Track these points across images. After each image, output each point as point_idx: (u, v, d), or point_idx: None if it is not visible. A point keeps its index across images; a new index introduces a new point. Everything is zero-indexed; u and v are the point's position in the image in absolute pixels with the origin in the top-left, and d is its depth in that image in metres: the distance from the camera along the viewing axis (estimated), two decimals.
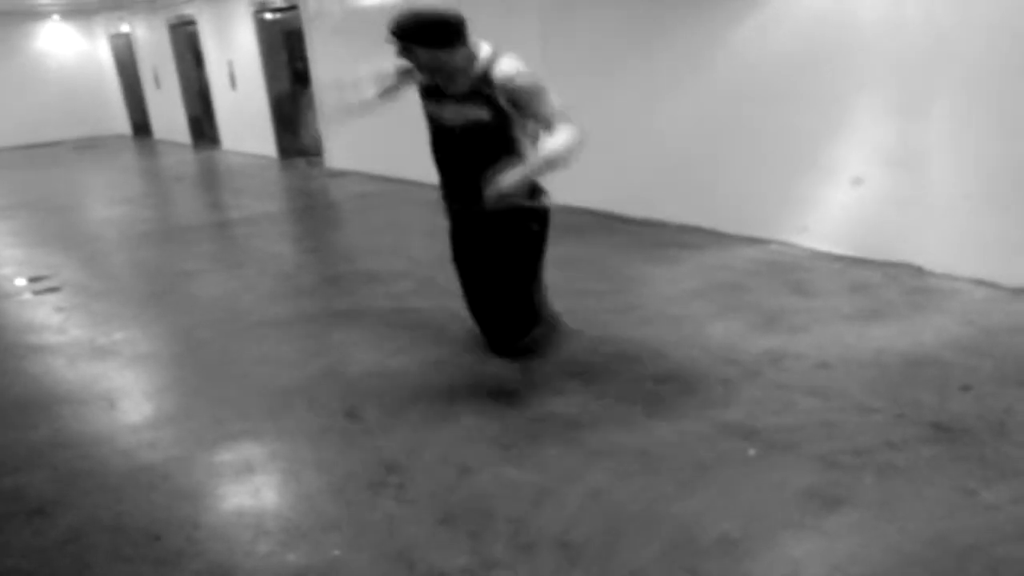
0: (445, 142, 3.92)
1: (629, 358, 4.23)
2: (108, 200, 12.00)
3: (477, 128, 3.75)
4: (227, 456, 3.88)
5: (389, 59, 3.84)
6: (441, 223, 4.21)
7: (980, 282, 5.26)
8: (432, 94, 3.86)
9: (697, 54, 6.76)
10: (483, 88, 3.68)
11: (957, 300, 5.09)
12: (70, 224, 10.41)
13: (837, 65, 5.80)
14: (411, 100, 3.98)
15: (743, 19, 6.32)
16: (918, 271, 5.58)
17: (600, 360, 4.58)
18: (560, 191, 4.09)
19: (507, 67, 3.67)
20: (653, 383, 4.20)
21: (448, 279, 6.18)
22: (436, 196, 4.08)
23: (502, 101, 3.66)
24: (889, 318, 4.90)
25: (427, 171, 4.11)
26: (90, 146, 18.90)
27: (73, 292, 6.91)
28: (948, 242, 5.46)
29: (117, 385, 4.89)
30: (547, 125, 3.63)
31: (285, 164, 13.74)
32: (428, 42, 3.62)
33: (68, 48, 20.49)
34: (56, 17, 19.86)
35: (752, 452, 3.52)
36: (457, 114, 3.77)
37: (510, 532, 3.11)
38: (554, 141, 3.58)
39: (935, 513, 3.04)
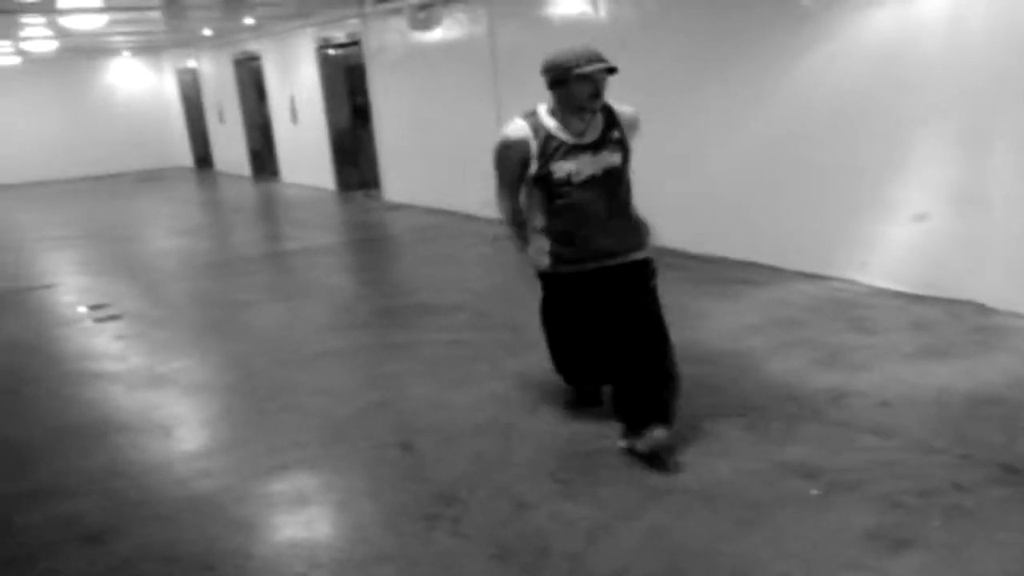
0: (580, 198, 3.82)
1: (687, 394, 4.15)
2: (169, 230, 12.22)
3: (612, 175, 3.85)
4: (281, 486, 3.88)
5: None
6: (498, 257, 4.18)
7: None
8: (565, 152, 3.78)
9: (756, 90, 6.71)
10: (612, 127, 3.86)
11: (1022, 339, 4.95)
12: (131, 253, 10.60)
13: (899, 100, 5.72)
14: (464, 136, 3.97)
15: (803, 55, 6.27)
16: (981, 309, 5.44)
17: None
18: None
19: (621, 105, 3.94)
20: (712, 420, 4.13)
21: (503, 313, 6.23)
22: (544, 265, 3.98)
23: (629, 139, 3.90)
24: (952, 356, 4.78)
25: (483, 205, 4.09)
26: (153, 178, 19.27)
27: (133, 320, 7.01)
28: (1013, 279, 5.32)
29: (174, 413, 4.94)
30: None
31: (344, 197, 13.86)
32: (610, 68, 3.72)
33: (136, 83, 21.01)
34: (126, 53, 20.33)
35: (814, 492, 3.44)
36: (594, 164, 3.81)
37: (566, 569, 3.06)
38: None
39: (1005, 557, 2.93)
